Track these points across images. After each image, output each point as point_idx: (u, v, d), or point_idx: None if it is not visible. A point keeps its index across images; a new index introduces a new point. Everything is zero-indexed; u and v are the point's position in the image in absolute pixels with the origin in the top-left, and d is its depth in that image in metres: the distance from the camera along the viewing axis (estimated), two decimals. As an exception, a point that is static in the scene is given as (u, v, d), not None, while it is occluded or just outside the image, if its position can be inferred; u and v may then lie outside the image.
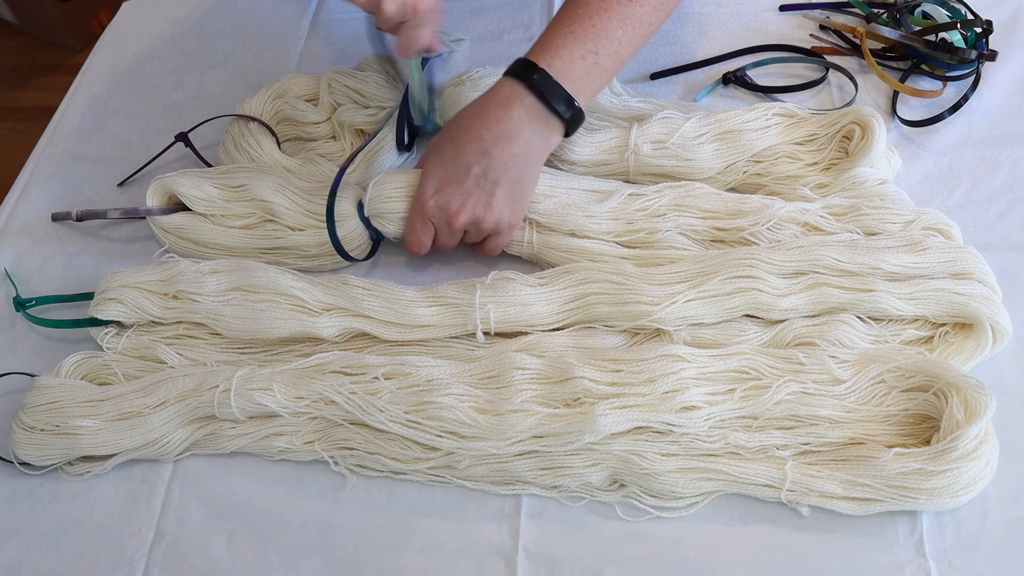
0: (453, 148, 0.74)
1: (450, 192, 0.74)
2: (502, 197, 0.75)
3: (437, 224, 0.76)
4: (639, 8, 0.76)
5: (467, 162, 0.74)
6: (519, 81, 0.74)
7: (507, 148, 0.73)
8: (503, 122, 0.73)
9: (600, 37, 0.75)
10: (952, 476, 0.61)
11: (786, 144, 0.83)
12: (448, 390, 0.68)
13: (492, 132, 0.73)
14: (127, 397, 0.71)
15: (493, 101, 0.75)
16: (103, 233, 0.90)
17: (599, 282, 0.73)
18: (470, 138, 0.74)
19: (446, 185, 0.74)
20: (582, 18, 0.74)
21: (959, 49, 0.90)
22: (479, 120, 0.74)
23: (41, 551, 0.69)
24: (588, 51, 0.74)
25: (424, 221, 0.76)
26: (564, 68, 0.73)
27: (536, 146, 0.75)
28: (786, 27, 1.00)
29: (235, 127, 0.91)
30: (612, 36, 0.75)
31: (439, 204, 0.75)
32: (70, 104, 1.04)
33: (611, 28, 0.75)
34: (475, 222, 0.75)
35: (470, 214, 0.75)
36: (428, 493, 0.69)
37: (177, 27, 1.12)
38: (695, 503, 0.66)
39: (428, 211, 0.75)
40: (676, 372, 0.67)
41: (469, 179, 0.74)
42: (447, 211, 0.75)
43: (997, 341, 0.70)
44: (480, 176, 0.74)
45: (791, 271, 0.72)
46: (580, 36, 0.74)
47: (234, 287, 0.77)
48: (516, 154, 0.74)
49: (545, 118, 0.74)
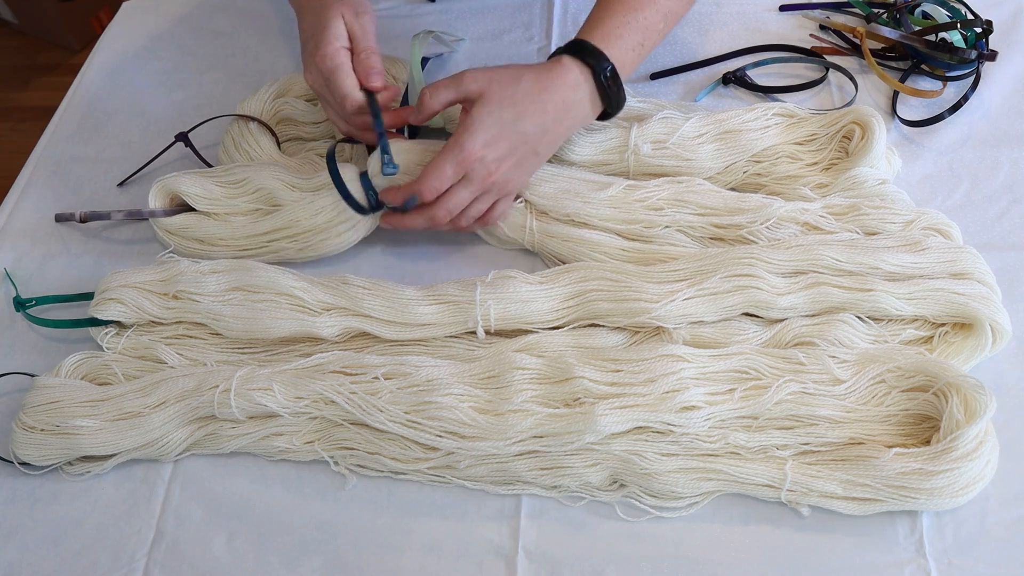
0: (515, 111, 0.74)
1: (500, 149, 0.74)
2: (533, 167, 0.78)
3: (471, 175, 0.73)
4: (675, 3, 0.79)
5: (525, 128, 0.74)
6: (587, 67, 0.75)
7: (563, 127, 0.76)
8: (568, 104, 0.75)
9: (648, 30, 0.77)
10: (952, 476, 0.61)
11: (786, 144, 0.83)
12: (448, 390, 0.68)
13: (556, 109, 0.74)
14: (127, 397, 0.71)
15: (560, 79, 0.75)
16: (103, 234, 0.90)
17: (599, 279, 0.73)
18: (535, 108, 0.74)
19: (498, 141, 0.73)
20: (635, 10, 0.77)
21: (959, 49, 0.90)
22: (546, 93, 0.74)
23: (41, 551, 0.69)
24: (637, 43, 0.77)
25: (458, 169, 0.73)
26: (620, 59, 0.76)
27: (576, 123, 0.78)
28: (786, 27, 1.00)
29: (235, 127, 0.91)
30: (656, 29, 0.78)
31: (485, 159, 0.73)
32: (70, 104, 1.04)
33: (656, 22, 0.78)
34: (506, 181, 0.75)
35: (508, 173, 0.75)
36: (428, 493, 0.69)
37: (177, 27, 1.12)
38: (695, 503, 0.66)
39: (471, 160, 0.73)
40: (676, 372, 0.67)
41: (520, 144, 0.74)
42: (489, 165, 0.73)
43: (997, 341, 0.70)
44: (533, 143, 0.75)
45: (790, 270, 0.72)
46: (634, 28, 0.77)
47: (234, 287, 0.77)
48: (563, 134, 0.77)
49: (597, 105, 0.77)
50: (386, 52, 0.96)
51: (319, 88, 0.80)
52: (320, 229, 0.80)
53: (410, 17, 1.08)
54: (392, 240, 0.84)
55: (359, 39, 0.80)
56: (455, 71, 0.96)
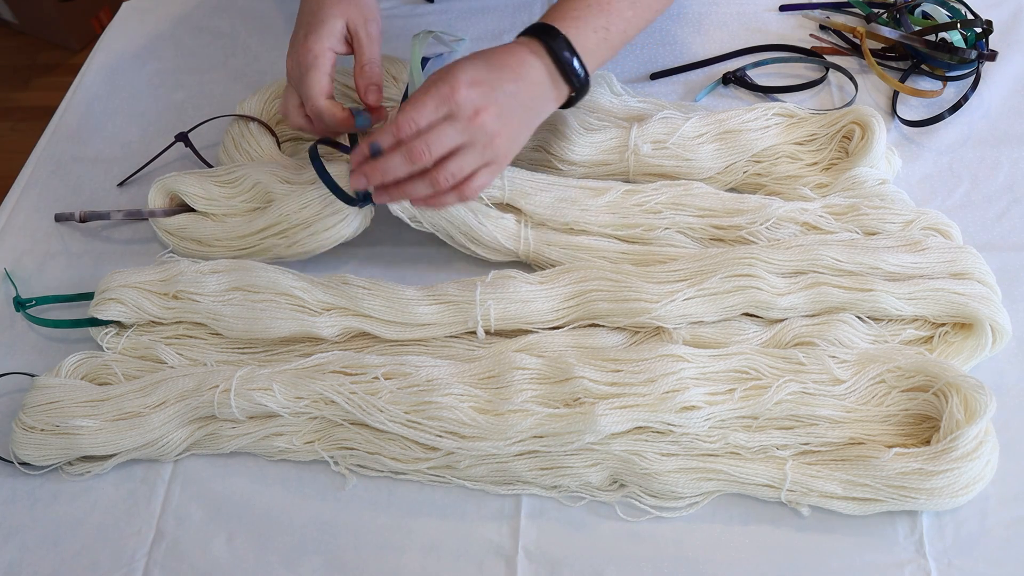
0: (485, 64, 0.71)
1: (484, 90, 0.69)
2: (516, 128, 0.72)
3: (457, 112, 0.68)
4: None
5: (501, 77, 0.70)
6: (538, 41, 0.73)
7: (532, 89, 0.72)
8: (528, 65, 0.72)
9: (613, 14, 0.76)
10: (952, 476, 0.62)
11: (786, 144, 0.83)
12: (448, 390, 0.68)
13: (521, 68, 0.72)
14: (127, 397, 0.71)
15: (517, 50, 0.73)
16: (103, 234, 0.90)
17: (599, 279, 0.73)
18: (500, 64, 0.71)
19: (481, 84, 0.69)
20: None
21: (959, 49, 0.90)
22: (506, 56, 0.72)
23: (41, 551, 0.69)
24: (600, 25, 0.75)
25: (439, 105, 0.68)
26: (578, 38, 0.74)
27: (542, 102, 0.74)
28: (786, 27, 1.00)
29: (235, 127, 0.91)
30: (623, 15, 0.77)
31: (471, 95, 0.68)
32: (70, 104, 1.04)
33: (623, 7, 0.76)
34: (493, 134, 0.69)
35: (495, 122, 0.69)
36: (428, 493, 0.69)
37: (177, 27, 1.12)
38: (695, 503, 0.66)
39: (458, 95, 0.68)
40: (676, 372, 0.67)
41: (502, 92, 0.70)
42: (477, 104, 0.68)
43: (997, 341, 0.70)
44: (511, 95, 0.70)
45: (790, 270, 0.72)
46: (596, 10, 0.75)
47: (234, 287, 0.77)
48: (533, 98, 0.73)
49: (556, 80, 0.74)
50: (386, 52, 0.97)
51: (293, 77, 0.78)
52: (308, 223, 0.79)
53: (410, 17, 1.08)
54: (393, 240, 0.84)
55: (365, 48, 0.78)
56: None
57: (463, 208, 0.78)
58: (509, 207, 0.81)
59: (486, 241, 0.80)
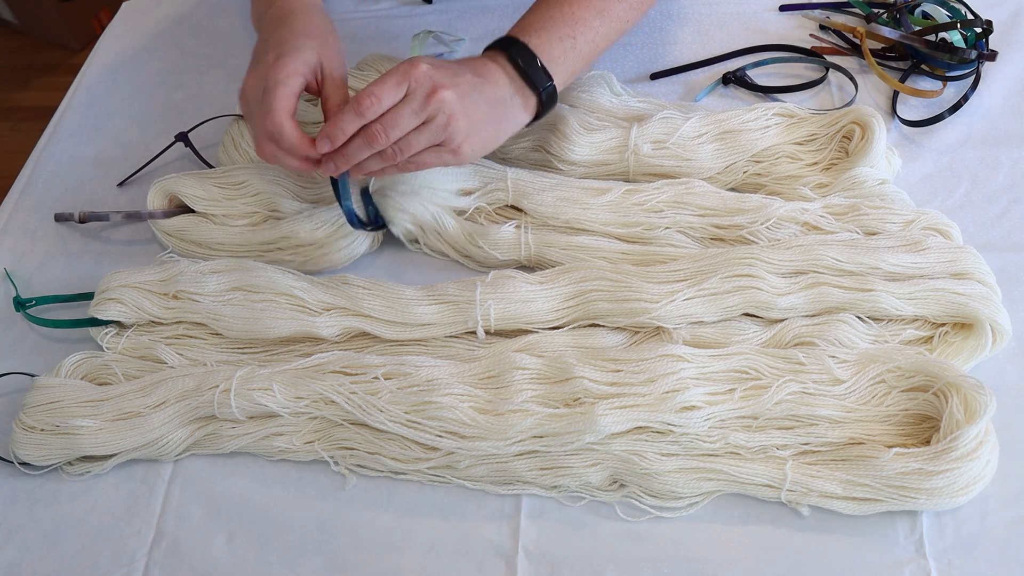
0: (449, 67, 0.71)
1: (445, 74, 0.70)
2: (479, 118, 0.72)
3: (414, 91, 0.69)
4: (618, 5, 0.79)
5: (463, 70, 0.72)
6: (499, 51, 0.75)
7: (493, 91, 0.73)
8: (492, 71, 0.73)
9: (579, 24, 0.76)
10: (952, 476, 0.61)
11: (786, 144, 0.83)
12: (448, 390, 0.68)
13: (484, 71, 0.73)
14: (127, 397, 0.71)
15: (480, 61, 0.74)
16: (103, 234, 0.90)
17: (599, 280, 0.73)
18: (463, 66, 0.72)
19: (443, 68, 0.70)
20: (562, 5, 0.77)
21: (959, 49, 0.90)
22: (468, 62, 0.73)
23: (41, 551, 0.69)
24: (566, 35, 0.76)
25: (401, 84, 0.69)
26: (542, 46, 0.75)
27: (510, 110, 0.74)
28: (786, 27, 1.00)
29: (235, 127, 0.91)
30: (590, 25, 0.77)
31: (430, 74, 0.69)
32: (70, 104, 1.04)
33: (590, 17, 0.77)
34: (452, 113, 0.69)
35: (453, 101, 0.69)
36: (428, 493, 0.69)
37: (177, 27, 1.12)
38: (695, 503, 0.66)
39: (416, 74, 0.69)
40: (676, 372, 0.67)
41: (463, 80, 0.71)
42: (436, 81, 0.69)
43: (997, 341, 0.70)
44: (473, 85, 0.71)
45: (790, 270, 0.72)
46: (559, 20, 0.76)
47: (234, 287, 0.77)
48: (500, 100, 0.73)
49: (521, 88, 0.74)
50: (386, 52, 0.97)
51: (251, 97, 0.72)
52: (320, 243, 0.81)
53: (410, 17, 1.08)
54: (393, 241, 0.84)
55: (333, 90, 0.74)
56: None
57: (461, 235, 0.80)
58: (512, 208, 0.82)
59: (485, 259, 0.81)
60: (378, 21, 1.09)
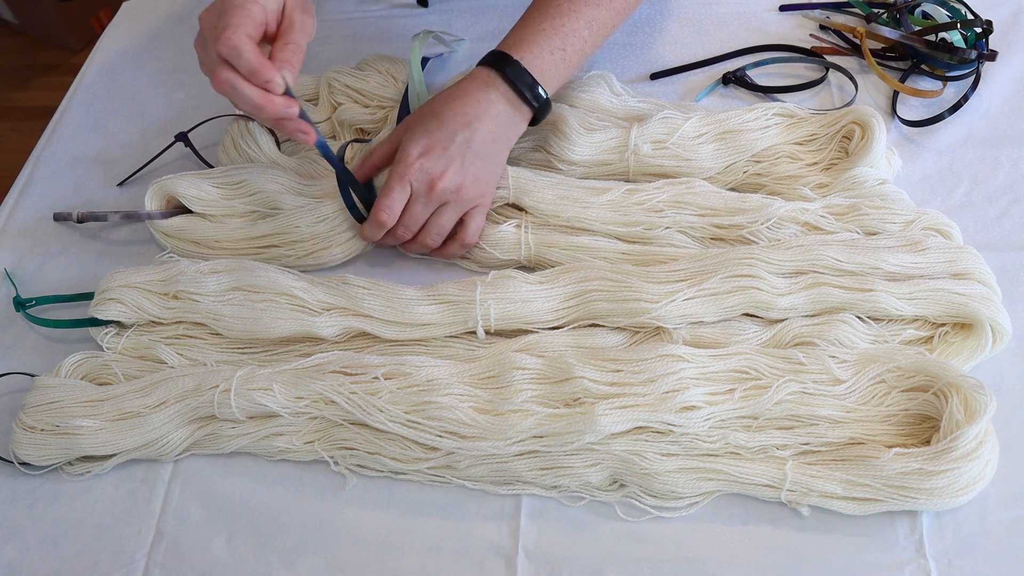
0: (436, 120, 0.76)
1: (435, 155, 0.75)
2: (481, 169, 0.77)
3: (417, 188, 0.75)
4: (604, 12, 0.81)
5: (452, 130, 0.76)
6: (494, 70, 0.77)
7: (487, 124, 0.77)
8: (483, 102, 0.77)
9: (568, 36, 0.79)
10: (952, 476, 0.61)
11: (786, 144, 0.83)
12: (448, 390, 0.68)
13: (474, 108, 0.76)
14: (127, 397, 0.71)
15: (471, 84, 0.78)
16: (103, 234, 0.90)
17: (599, 279, 0.73)
18: (452, 112, 0.76)
19: (431, 149, 0.75)
20: (552, 17, 0.79)
21: (959, 49, 0.90)
22: (459, 99, 0.77)
23: (41, 551, 0.69)
24: (557, 47, 0.78)
25: (404, 185, 0.75)
26: (535, 61, 0.78)
27: (508, 129, 0.78)
28: (786, 27, 1.00)
29: (235, 127, 0.91)
30: (579, 35, 0.80)
31: (424, 167, 0.75)
32: (70, 104, 1.04)
33: (579, 28, 0.79)
34: (457, 189, 0.76)
35: (453, 179, 0.75)
36: (428, 493, 0.69)
37: (177, 27, 1.12)
38: (695, 503, 0.66)
39: (411, 172, 0.75)
40: (676, 372, 0.67)
41: (453, 146, 0.75)
42: (431, 173, 0.75)
43: (997, 341, 0.70)
44: (463, 144, 0.76)
45: (791, 270, 0.72)
46: (550, 33, 0.79)
47: (234, 287, 0.77)
48: (494, 131, 0.77)
49: (517, 104, 0.78)
50: (386, 52, 0.97)
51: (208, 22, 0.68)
52: (322, 237, 0.81)
53: (410, 17, 1.08)
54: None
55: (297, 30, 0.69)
56: (455, 71, 0.96)
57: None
58: (514, 206, 0.82)
59: (485, 259, 0.81)
60: (378, 21, 1.09)
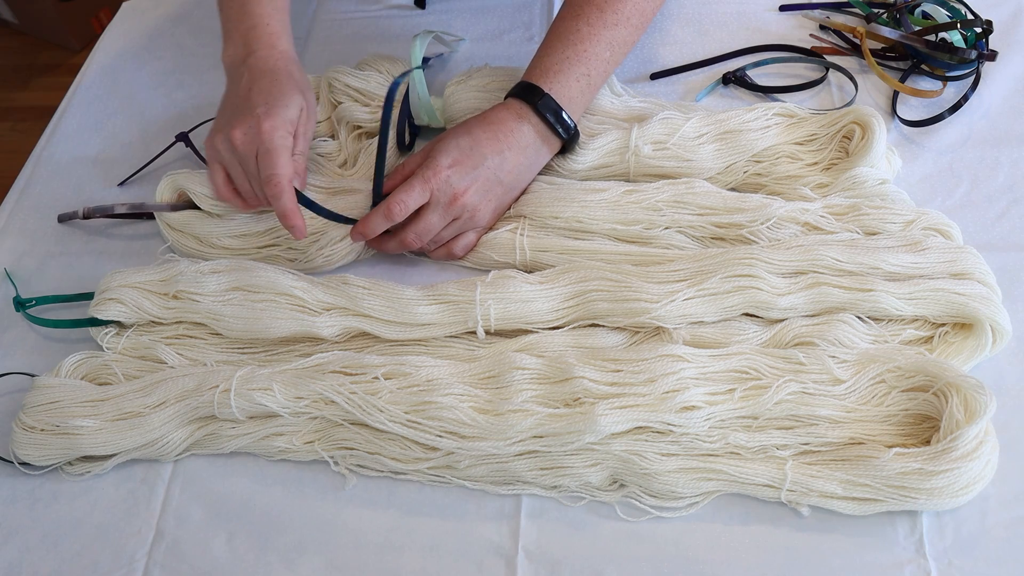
0: (471, 139, 0.77)
1: (463, 171, 0.76)
2: (500, 196, 0.79)
3: (437, 197, 0.76)
4: (622, 31, 0.81)
5: (484, 152, 0.77)
6: (525, 103, 0.79)
7: (517, 155, 0.78)
8: (516, 133, 0.78)
9: (592, 61, 0.80)
10: (952, 476, 0.61)
11: (786, 144, 0.83)
12: (448, 390, 0.68)
13: (508, 138, 0.78)
14: (127, 397, 0.71)
15: (505, 113, 0.79)
16: (103, 233, 0.90)
17: (599, 279, 0.73)
18: (487, 136, 0.77)
19: (460, 164, 0.76)
20: (575, 43, 0.80)
21: (959, 49, 0.90)
22: (494, 124, 0.78)
23: (41, 551, 0.69)
24: (582, 74, 0.80)
25: (425, 189, 0.75)
26: (563, 92, 0.79)
27: (535, 160, 0.80)
28: (786, 27, 1.00)
29: (235, 127, 0.91)
30: (601, 58, 0.81)
31: (450, 179, 0.76)
32: (70, 104, 1.04)
33: (600, 51, 0.80)
34: (473, 208, 0.77)
35: (473, 198, 0.77)
36: (428, 493, 0.69)
37: (177, 27, 1.12)
38: (695, 503, 0.66)
39: (438, 180, 0.75)
40: (676, 372, 0.67)
41: (482, 167, 0.77)
42: (455, 187, 0.76)
43: (997, 341, 0.70)
44: (492, 169, 0.77)
45: (791, 270, 0.72)
46: (574, 61, 0.79)
47: (234, 287, 0.77)
48: (523, 164, 0.79)
49: (547, 136, 0.80)
50: (386, 52, 0.97)
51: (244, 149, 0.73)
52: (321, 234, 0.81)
53: (410, 17, 1.08)
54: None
55: (301, 139, 0.77)
56: (455, 71, 0.96)
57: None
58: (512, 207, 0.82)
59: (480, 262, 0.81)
60: (378, 21, 1.09)
